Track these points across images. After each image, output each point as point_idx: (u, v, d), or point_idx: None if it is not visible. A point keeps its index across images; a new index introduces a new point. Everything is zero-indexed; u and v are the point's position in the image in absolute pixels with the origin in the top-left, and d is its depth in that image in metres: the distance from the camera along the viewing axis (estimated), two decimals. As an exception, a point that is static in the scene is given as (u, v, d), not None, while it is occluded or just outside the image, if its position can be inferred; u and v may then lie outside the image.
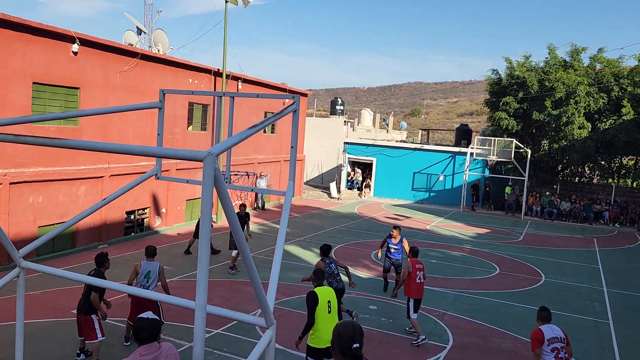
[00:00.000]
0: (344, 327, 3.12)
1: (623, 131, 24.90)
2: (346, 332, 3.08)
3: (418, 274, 9.26)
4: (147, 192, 16.41)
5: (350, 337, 3.05)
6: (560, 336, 6.33)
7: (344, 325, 3.14)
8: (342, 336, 3.07)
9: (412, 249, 9.87)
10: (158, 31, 18.53)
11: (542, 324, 6.48)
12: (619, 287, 13.87)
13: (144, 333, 3.46)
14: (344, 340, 3.05)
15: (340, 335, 3.08)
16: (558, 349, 6.26)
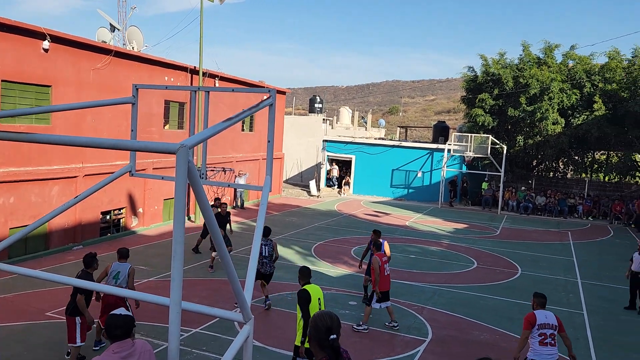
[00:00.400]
0: (320, 318, 3.09)
1: (595, 126, 25.45)
2: (323, 323, 3.05)
3: (385, 267, 9.38)
4: (123, 191, 16.16)
5: (327, 328, 3.02)
6: (553, 323, 6.62)
7: (320, 316, 3.11)
8: (319, 327, 3.04)
9: (375, 242, 9.87)
10: (132, 28, 18.24)
11: (537, 309, 6.78)
12: (593, 278, 14.17)
13: (117, 330, 3.38)
14: (321, 331, 3.02)
15: (317, 327, 3.05)
16: (546, 335, 6.57)
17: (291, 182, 34.00)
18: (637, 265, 11.22)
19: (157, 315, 9.31)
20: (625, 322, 10.69)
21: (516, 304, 11.44)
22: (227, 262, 3.50)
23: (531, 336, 6.63)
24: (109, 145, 3.29)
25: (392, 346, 8.79)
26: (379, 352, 8.52)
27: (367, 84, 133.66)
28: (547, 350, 6.53)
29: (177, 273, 2.89)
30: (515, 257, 16.06)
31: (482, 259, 15.63)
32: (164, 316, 9.21)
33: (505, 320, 10.32)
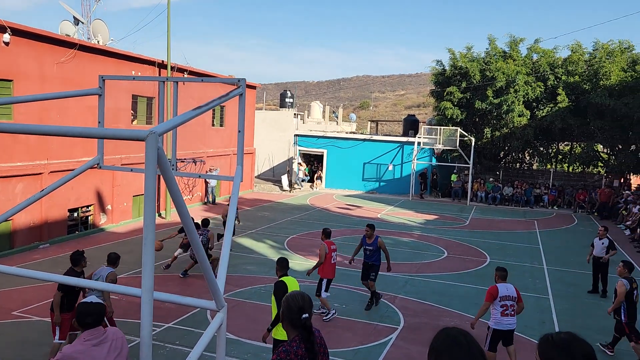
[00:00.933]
0: (292, 298, 3.13)
1: (559, 118, 26.19)
2: (295, 303, 3.10)
3: (333, 255, 9.47)
4: (90, 188, 15.84)
5: (299, 308, 3.08)
6: (513, 295, 7.20)
7: (292, 296, 3.16)
8: (292, 307, 3.09)
9: (324, 230, 9.76)
10: (97, 21, 17.83)
11: (499, 282, 7.31)
12: (558, 264, 14.63)
13: (88, 318, 3.35)
14: (293, 311, 3.07)
15: (289, 307, 3.10)
16: (507, 306, 7.20)
17: (263, 178, 33.89)
18: (598, 250, 11.66)
19: (128, 312, 9.20)
20: (588, 305, 11.08)
21: (484, 290, 11.66)
22: (198, 249, 3.51)
23: (493, 307, 7.22)
24: (76, 133, 3.25)
25: (366, 334, 8.91)
26: (353, 341, 8.63)
27: (338, 79, 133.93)
28: (507, 320, 7.20)
29: (148, 260, 2.89)
30: (484, 246, 16.43)
31: (452, 248, 15.94)
32: (135, 312, 9.11)
33: (474, 306, 10.56)
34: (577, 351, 2.07)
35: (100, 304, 3.49)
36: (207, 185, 22.67)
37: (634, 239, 18.35)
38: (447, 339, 2.10)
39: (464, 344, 2.08)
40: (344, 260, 13.90)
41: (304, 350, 2.98)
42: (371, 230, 10.20)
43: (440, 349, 2.08)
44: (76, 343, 3.31)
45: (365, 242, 10.20)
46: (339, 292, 11.18)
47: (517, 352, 8.23)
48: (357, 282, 11.80)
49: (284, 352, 2.97)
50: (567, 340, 2.11)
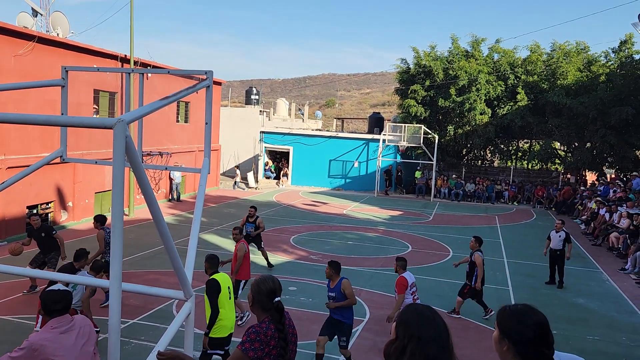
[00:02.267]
0: (263, 282, 3.17)
1: (518, 116, 27.00)
2: (266, 286, 3.14)
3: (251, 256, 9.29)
4: (50, 185, 15.43)
5: (270, 291, 3.12)
6: (415, 281, 8.02)
7: (263, 280, 3.20)
8: (262, 290, 3.13)
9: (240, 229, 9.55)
10: (57, 13, 17.34)
11: (403, 272, 7.81)
12: (517, 257, 15.13)
13: (57, 305, 3.32)
14: (263, 294, 3.12)
15: (260, 290, 3.14)
16: (415, 292, 7.93)
17: (228, 175, 33.65)
18: (555, 242, 12.12)
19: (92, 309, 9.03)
20: (546, 296, 11.53)
21: (446, 282, 12.06)
22: (167, 238, 3.53)
23: (406, 297, 7.72)
24: (41, 121, 3.22)
25: (332, 327, 9.01)
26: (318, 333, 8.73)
27: (304, 77, 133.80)
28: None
29: (116, 248, 2.90)
30: (447, 241, 16.84)
31: (417, 243, 16.27)
32: (100, 310, 8.97)
33: (435, 297, 10.86)
34: (530, 320, 2.23)
35: (67, 292, 3.46)
36: (172, 182, 22.38)
37: (587, 233, 19.15)
38: (414, 313, 2.23)
39: (430, 316, 2.23)
40: (309, 255, 14.04)
41: (273, 330, 3.04)
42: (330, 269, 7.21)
43: (408, 321, 2.21)
44: (43, 331, 3.29)
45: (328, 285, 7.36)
46: (305, 285, 11.28)
47: (480, 341, 8.54)
48: (324, 277, 11.92)
49: (253, 333, 3.02)
50: (522, 310, 2.28)
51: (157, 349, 3.11)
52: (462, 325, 9.38)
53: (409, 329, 2.18)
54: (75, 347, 3.25)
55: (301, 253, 14.22)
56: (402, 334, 2.19)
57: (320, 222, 18.96)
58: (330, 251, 14.50)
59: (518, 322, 2.23)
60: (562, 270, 12.19)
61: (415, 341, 2.14)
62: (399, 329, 2.22)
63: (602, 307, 10.95)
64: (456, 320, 9.56)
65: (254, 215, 12.75)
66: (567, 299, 11.39)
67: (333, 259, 13.26)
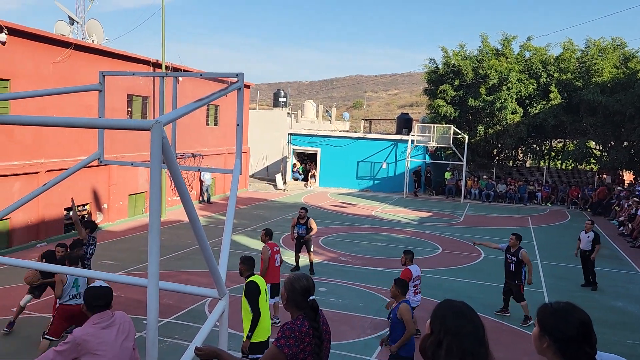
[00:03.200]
0: (297, 280, 3.19)
1: (551, 115, 26.44)
2: (300, 285, 3.15)
3: (277, 257, 8.88)
4: (87, 187, 15.87)
5: (304, 289, 3.14)
6: (420, 274, 8.23)
7: (297, 279, 3.21)
8: (296, 289, 3.15)
9: (267, 230, 9.14)
10: (92, 21, 17.86)
11: (409, 264, 8.05)
12: (551, 259, 14.81)
13: (99, 300, 3.44)
14: (298, 293, 3.13)
15: (294, 288, 3.16)
16: (417, 285, 8.19)
17: (257, 177, 33.96)
18: (584, 243, 11.92)
19: (127, 308, 9.25)
20: (582, 298, 11.24)
21: (477, 284, 11.91)
22: (201, 236, 3.61)
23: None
24: (83, 123, 3.34)
25: (363, 328, 9.03)
26: (351, 335, 8.75)
27: (331, 79, 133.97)
28: (418, 297, 8.23)
29: (154, 246, 2.98)
30: (478, 242, 16.58)
31: (447, 244, 16.09)
32: (135, 309, 9.18)
33: (466, 298, 10.51)
34: (574, 318, 2.18)
35: (109, 288, 3.58)
36: (202, 184, 22.72)
37: (625, 234, 18.59)
38: (451, 308, 2.23)
39: (466, 311, 2.21)
40: (338, 256, 14.08)
41: (307, 327, 3.07)
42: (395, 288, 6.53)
43: (444, 316, 2.20)
44: (86, 326, 3.40)
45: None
46: (335, 287, 11.30)
47: (514, 344, 8.41)
48: (353, 278, 11.94)
49: (288, 330, 3.05)
50: (565, 308, 2.22)
51: (193, 346, 3.18)
52: (496, 328, 9.25)
53: (445, 323, 2.17)
54: (116, 342, 3.35)
55: (330, 254, 14.25)
56: (438, 328, 2.18)
57: (349, 224, 18.95)
58: (360, 252, 14.48)
59: (561, 320, 2.18)
60: (592, 271, 11.95)
61: (452, 335, 2.13)
62: (435, 323, 2.21)
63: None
64: (488, 323, 9.43)
65: (304, 217, 12.44)
66: (604, 301, 11.10)
67: (362, 259, 13.32)
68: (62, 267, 4.22)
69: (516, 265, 9.64)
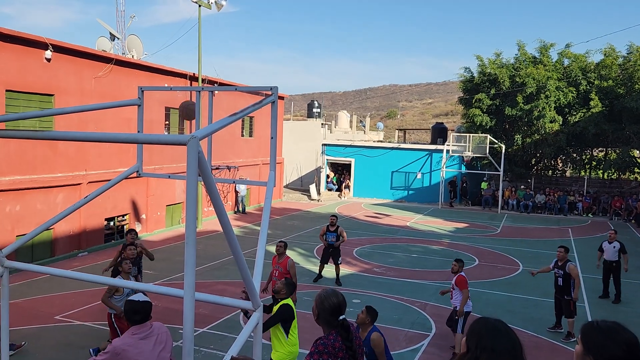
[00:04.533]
0: (327, 299, 3.14)
1: (592, 123, 25.66)
2: (330, 303, 3.11)
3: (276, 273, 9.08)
4: (126, 198, 16.31)
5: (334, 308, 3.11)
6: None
7: (327, 296, 3.16)
8: (326, 308, 3.12)
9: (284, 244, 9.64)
10: (131, 37, 18.46)
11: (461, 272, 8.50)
12: (593, 272, 14.27)
13: (137, 315, 3.52)
14: (328, 311, 3.11)
15: (324, 307, 3.13)
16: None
17: (291, 187, 34.17)
18: (610, 254, 11.67)
19: (165, 317, 9.43)
20: (626, 313, 10.81)
21: (517, 297, 11.60)
22: (235, 247, 3.65)
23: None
24: (122, 139, 3.45)
25: (398, 341, 8.92)
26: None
27: (365, 89, 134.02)
28: (470, 302, 8.57)
29: (190, 258, 3.04)
30: (517, 254, 16.20)
31: (484, 256, 15.76)
32: (172, 318, 9.34)
33: (505, 312, 10.46)
34: (621, 338, 2.08)
35: (147, 302, 3.66)
36: (237, 194, 23.02)
37: (673, 247, 17.77)
38: (487, 325, 2.19)
39: (502, 329, 2.19)
40: (372, 267, 13.97)
41: (340, 342, 3.06)
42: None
43: (481, 333, 2.16)
44: (125, 336, 3.49)
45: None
46: (369, 298, 11.21)
47: (554, 358, 8.14)
48: (388, 290, 11.83)
49: (322, 345, 3.05)
50: (613, 327, 2.12)
51: (228, 356, 3.21)
52: (534, 343, 8.98)
53: (482, 340, 2.13)
54: (153, 352, 3.43)
55: (365, 265, 14.17)
56: (474, 345, 2.14)
57: (384, 235, 18.81)
58: (394, 264, 14.35)
59: (607, 339, 2.08)
60: (618, 282, 11.65)
61: (489, 352, 2.09)
62: (471, 340, 2.18)
63: (691, 327, 10.13)
64: (527, 338, 9.17)
65: (335, 224, 12.46)
66: (651, 318, 10.62)
67: (397, 271, 13.20)
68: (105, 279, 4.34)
69: (564, 280, 9.33)
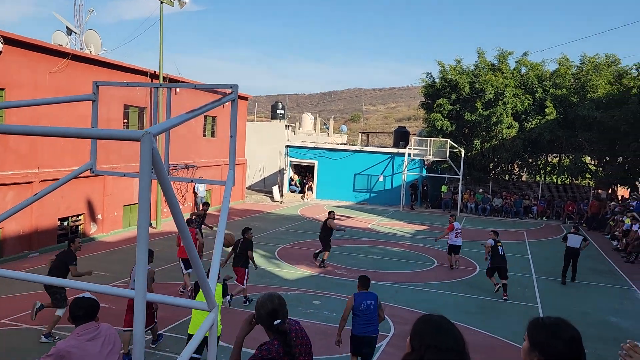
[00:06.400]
0: (262, 305, 3.09)
1: (547, 130, 26.57)
2: (266, 311, 3.08)
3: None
4: (81, 198, 15.81)
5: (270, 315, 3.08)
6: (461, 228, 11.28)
7: (262, 303, 3.10)
8: (263, 315, 3.07)
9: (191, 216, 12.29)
10: (90, 32, 17.92)
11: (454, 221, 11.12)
12: (546, 274, 14.77)
13: (80, 311, 3.39)
14: (264, 318, 3.08)
15: (261, 315, 3.08)
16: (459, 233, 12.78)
17: (254, 189, 33.92)
18: (574, 242, 13.72)
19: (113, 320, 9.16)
20: (577, 313, 11.19)
21: (473, 298, 11.84)
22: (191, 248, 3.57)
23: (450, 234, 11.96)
24: (72, 133, 3.31)
25: (356, 342, 8.93)
26: (343, 348, 8.65)
27: (329, 92, 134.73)
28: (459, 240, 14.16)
29: (142, 256, 2.95)
30: (474, 256, 16.55)
31: (442, 258, 16.02)
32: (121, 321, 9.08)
33: (462, 313, 10.66)
34: (564, 334, 2.13)
35: (93, 299, 3.53)
36: (196, 196, 22.65)
37: (619, 249, 18.59)
38: (430, 323, 2.19)
39: (445, 326, 2.18)
40: (333, 269, 14.03)
41: (284, 351, 3.05)
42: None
43: (423, 332, 2.16)
44: (70, 338, 3.35)
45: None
46: (330, 300, 11.23)
47: (508, 358, 8.34)
48: (348, 291, 11.85)
49: (265, 351, 3.03)
50: (557, 323, 2.18)
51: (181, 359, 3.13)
52: (489, 343, 9.19)
53: (425, 339, 2.14)
54: (100, 354, 3.30)
55: (326, 267, 14.17)
56: (418, 345, 2.15)
57: (345, 237, 18.88)
58: (355, 265, 14.42)
59: (552, 336, 2.14)
60: (576, 266, 13.88)
61: (433, 351, 2.09)
62: (414, 340, 2.18)
63: (636, 326, 10.59)
64: (482, 338, 9.38)
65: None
66: (599, 317, 11.06)
67: (358, 272, 13.19)
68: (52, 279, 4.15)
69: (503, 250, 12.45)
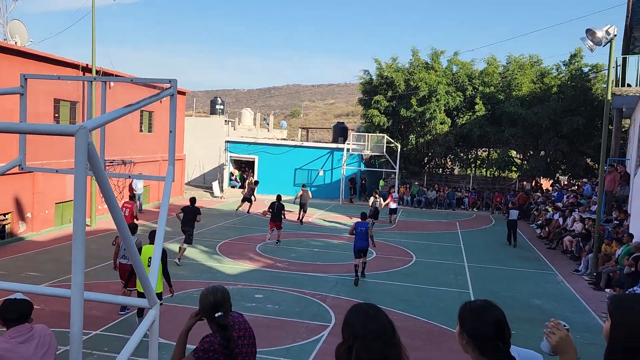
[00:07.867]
0: (205, 297, 3.17)
1: (477, 126, 27.90)
2: (207, 303, 3.13)
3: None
4: (8, 195, 15.01)
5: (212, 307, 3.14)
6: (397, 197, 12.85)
7: (205, 295, 3.19)
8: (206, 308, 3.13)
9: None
10: (15, 22, 16.96)
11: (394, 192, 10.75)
12: (477, 261, 15.60)
13: (11, 314, 3.26)
14: (207, 310, 3.16)
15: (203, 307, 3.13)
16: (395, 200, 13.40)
17: (193, 184, 33.33)
18: (513, 216, 17.60)
19: (51, 321, 8.86)
20: (505, 298, 11.90)
21: (411, 287, 12.35)
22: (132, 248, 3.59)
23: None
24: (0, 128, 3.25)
25: (298, 333, 9.14)
26: (286, 339, 8.83)
27: (269, 88, 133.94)
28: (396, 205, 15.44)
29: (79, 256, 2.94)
30: (410, 246, 17.20)
31: (381, 249, 16.54)
32: (60, 322, 8.80)
33: (401, 302, 11.11)
34: (488, 317, 2.32)
35: (26, 301, 3.43)
36: (133, 192, 22.00)
37: (542, 237, 19.89)
38: (358, 312, 2.33)
39: (372, 314, 2.31)
40: (275, 262, 14.12)
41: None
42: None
43: (352, 321, 2.30)
44: (1, 341, 3.25)
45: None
46: (272, 293, 11.35)
47: (445, 342, 8.80)
48: (291, 284, 12.05)
49: (207, 343, 3.11)
50: (482, 306, 2.36)
51: (119, 358, 3.15)
52: (426, 329, 9.64)
53: (353, 329, 2.25)
54: (34, 357, 3.23)
55: (267, 261, 14.28)
56: (347, 335, 2.26)
57: (286, 230, 19.03)
58: (297, 258, 14.61)
59: (478, 319, 2.30)
60: (516, 233, 17.78)
61: (361, 340, 2.20)
62: (345, 331, 2.29)
63: (557, 307, 11.44)
64: (420, 324, 9.84)
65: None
66: (524, 300, 11.84)
67: (299, 265, 13.48)
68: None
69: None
